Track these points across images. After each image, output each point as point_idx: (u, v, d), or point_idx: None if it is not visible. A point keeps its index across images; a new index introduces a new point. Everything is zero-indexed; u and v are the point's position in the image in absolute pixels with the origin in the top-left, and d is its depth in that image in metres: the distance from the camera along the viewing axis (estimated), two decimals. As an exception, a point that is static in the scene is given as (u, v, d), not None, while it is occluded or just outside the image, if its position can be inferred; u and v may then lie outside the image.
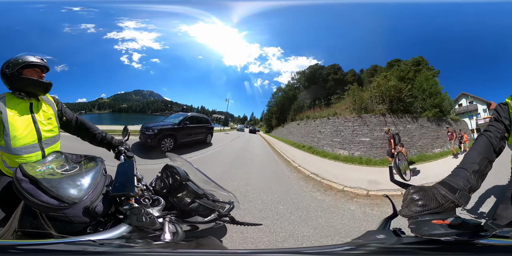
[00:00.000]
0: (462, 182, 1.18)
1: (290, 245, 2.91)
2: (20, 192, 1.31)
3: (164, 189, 1.55)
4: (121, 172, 1.54)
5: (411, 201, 1.10)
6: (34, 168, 1.47)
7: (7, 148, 1.84)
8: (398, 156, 1.38)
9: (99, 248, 1.11)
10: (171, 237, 1.31)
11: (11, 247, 1.16)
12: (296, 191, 4.90)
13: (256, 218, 3.52)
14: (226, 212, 1.56)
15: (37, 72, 1.97)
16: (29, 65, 1.93)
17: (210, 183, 1.64)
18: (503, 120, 1.57)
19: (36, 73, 1.96)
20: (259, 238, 2.95)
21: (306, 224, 3.51)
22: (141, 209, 1.29)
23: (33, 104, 1.96)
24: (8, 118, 1.82)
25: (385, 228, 1.28)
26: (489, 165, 1.32)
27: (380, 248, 1.08)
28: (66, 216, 1.28)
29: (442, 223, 0.99)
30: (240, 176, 5.21)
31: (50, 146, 1.99)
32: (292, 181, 5.46)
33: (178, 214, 1.52)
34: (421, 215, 1.06)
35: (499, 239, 1.00)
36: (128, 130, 2.38)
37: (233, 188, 4.47)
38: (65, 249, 1.10)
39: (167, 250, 1.27)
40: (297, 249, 1.80)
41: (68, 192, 1.31)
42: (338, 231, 3.34)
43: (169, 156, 1.87)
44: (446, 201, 1.09)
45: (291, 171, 6.14)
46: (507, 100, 1.63)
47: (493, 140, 1.46)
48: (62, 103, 2.16)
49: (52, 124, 2.02)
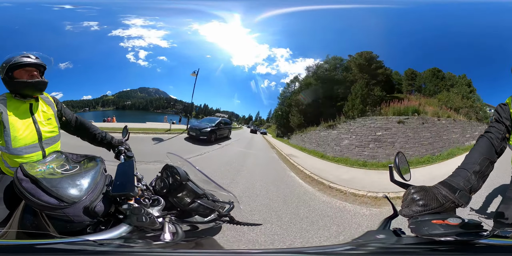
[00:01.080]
0: (463, 182, 1.18)
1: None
2: (21, 192, 1.32)
3: (164, 189, 1.55)
4: (121, 172, 1.55)
5: (412, 201, 1.10)
6: (35, 167, 1.47)
7: (8, 148, 1.84)
8: (398, 156, 1.37)
9: (99, 248, 1.11)
10: (171, 237, 1.31)
11: (11, 247, 1.16)
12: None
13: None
14: (226, 212, 1.56)
15: (27, 71, 1.90)
16: (17, 66, 1.87)
17: (210, 183, 1.64)
18: (503, 121, 1.56)
19: (27, 73, 1.90)
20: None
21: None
22: (141, 209, 1.29)
23: (32, 104, 1.97)
24: (8, 119, 1.83)
25: (385, 228, 1.28)
26: (490, 165, 1.32)
27: (380, 248, 1.08)
28: (66, 215, 1.28)
29: (442, 223, 0.99)
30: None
31: (50, 146, 2.00)
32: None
33: (178, 214, 1.52)
34: (421, 215, 1.06)
35: (499, 239, 1.00)
36: (128, 129, 2.38)
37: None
38: (65, 249, 1.10)
39: (167, 250, 1.27)
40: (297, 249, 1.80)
41: (68, 192, 1.31)
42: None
43: (169, 156, 1.87)
44: (447, 201, 1.09)
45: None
46: (508, 100, 1.63)
47: (494, 141, 1.46)
48: (61, 103, 2.17)
49: (52, 124, 2.02)
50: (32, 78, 1.91)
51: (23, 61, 1.89)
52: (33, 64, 1.92)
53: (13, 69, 1.88)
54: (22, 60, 1.89)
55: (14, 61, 1.88)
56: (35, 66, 1.93)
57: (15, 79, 1.89)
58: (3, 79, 1.92)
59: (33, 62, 1.91)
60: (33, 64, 1.92)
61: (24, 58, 1.90)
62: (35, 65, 1.93)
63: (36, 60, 1.94)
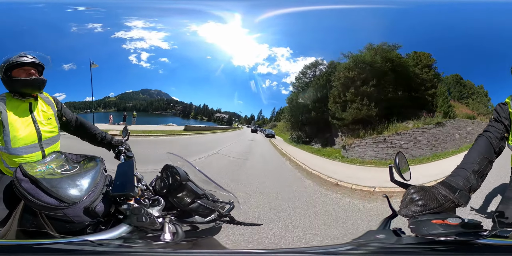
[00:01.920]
0: (462, 182, 1.18)
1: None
2: (20, 192, 1.31)
3: (164, 189, 1.54)
4: (121, 172, 1.54)
5: (411, 201, 1.10)
6: (34, 168, 1.47)
7: (7, 148, 1.84)
8: (398, 156, 1.37)
9: (98, 248, 1.10)
10: (171, 237, 1.31)
11: (11, 247, 1.16)
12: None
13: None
14: (226, 212, 1.56)
15: (25, 70, 1.92)
16: (15, 65, 1.90)
17: (210, 183, 1.64)
18: (502, 120, 1.56)
19: (25, 72, 1.92)
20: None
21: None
22: (141, 209, 1.29)
23: (32, 104, 1.96)
24: (8, 118, 1.82)
25: (385, 228, 1.28)
26: (489, 165, 1.33)
27: (380, 248, 1.08)
28: (66, 216, 1.28)
29: (442, 223, 0.99)
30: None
31: (50, 146, 1.99)
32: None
33: (178, 214, 1.52)
34: (421, 215, 1.07)
35: (499, 239, 1.00)
36: (128, 130, 2.38)
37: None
38: (65, 249, 1.10)
39: (167, 250, 1.27)
40: (298, 249, 1.80)
41: (68, 192, 1.31)
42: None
43: (169, 156, 1.86)
44: (447, 201, 1.10)
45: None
46: (507, 100, 1.63)
47: (492, 140, 1.46)
48: (62, 103, 2.16)
49: (52, 124, 2.02)
50: (30, 76, 1.92)
51: (21, 60, 1.90)
52: (30, 63, 1.94)
53: (11, 69, 1.89)
54: (20, 60, 1.91)
55: (12, 60, 1.90)
56: (32, 65, 1.95)
57: (13, 78, 1.90)
58: (2, 79, 1.94)
59: (30, 61, 1.93)
60: (30, 63, 1.94)
61: (21, 58, 1.92)
62: (32, 64, 1.95)
63: (33, 59, 1.96)
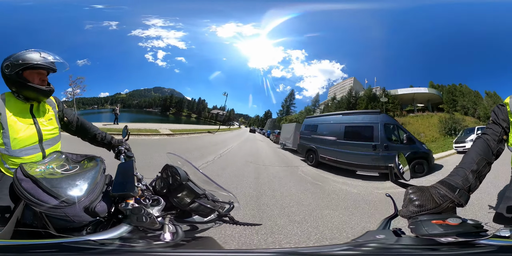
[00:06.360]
0: (461, 181, 1.18)
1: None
2: (21, 192, 1.32)
3: (164, 189, 1.55)
4: (121, 172, 1.54)
5: (409, 202, 1.11)
6: (34, 167, 1.47)
7: (7, 150, 1.82)
8: (398, 156, 1.37)
9: (99, 248, 1.11)
10: (171, 237, 1.31)
11: (11, 247, 1.16)
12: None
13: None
14: (226, 212, 1.56)
15: (39, 75, 1.85)
16: (31, 67, 1.80)
17: (210, 183, 1.64)
18: (500, 123, 1.55)
19: (38, 77, 1.85)
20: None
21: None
22: (141, 209, 1.29)
23: (33, 105, 1.94)
24: (7, 120, 1.80)
25: (385, 228, 1.28)
26: (487, 166, 1.33)
27: (380, 248, 1.08)
28: (66, 215, 1.28)
29: (442, 223, 0.99)
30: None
31: (51, 147, 1.98)
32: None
33: (178, 214, 1.52)
34: (420, 215, 1.07)
35: (499, 239, 1.00)
36: (128, 129, 2.38)
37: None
38: (65, 248, 1.10)
39: (167, 250, 1.27)
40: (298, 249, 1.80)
41: (68, 192, 1.31)
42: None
43: (170, 156, 1.86)
44: (445, 201, 1.10)
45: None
46: (506, 101, 1.62)
47: (490, 143, 1.46)
48: (63, 104, 2.16)
49: (53, 125, 2.01)
50: (43, 84, 1.85)
51: (39, 64, 1.79)
52: (47, 67, 1.84)
53: (23, 69, 1.78)
54: (39, 63, 1.79)
55: (29, 60, 1.78)
56: (47, 69, 1.86)
57: (27, 81, 1.81)
58: (8, 76, 1.81)
59: (47, 66, 1.83)
60: (46, 68, 1.84)
61: (41, 61, 1.80)
62: (48, 68, 1.85)
63: (51, 64, 1.85)
